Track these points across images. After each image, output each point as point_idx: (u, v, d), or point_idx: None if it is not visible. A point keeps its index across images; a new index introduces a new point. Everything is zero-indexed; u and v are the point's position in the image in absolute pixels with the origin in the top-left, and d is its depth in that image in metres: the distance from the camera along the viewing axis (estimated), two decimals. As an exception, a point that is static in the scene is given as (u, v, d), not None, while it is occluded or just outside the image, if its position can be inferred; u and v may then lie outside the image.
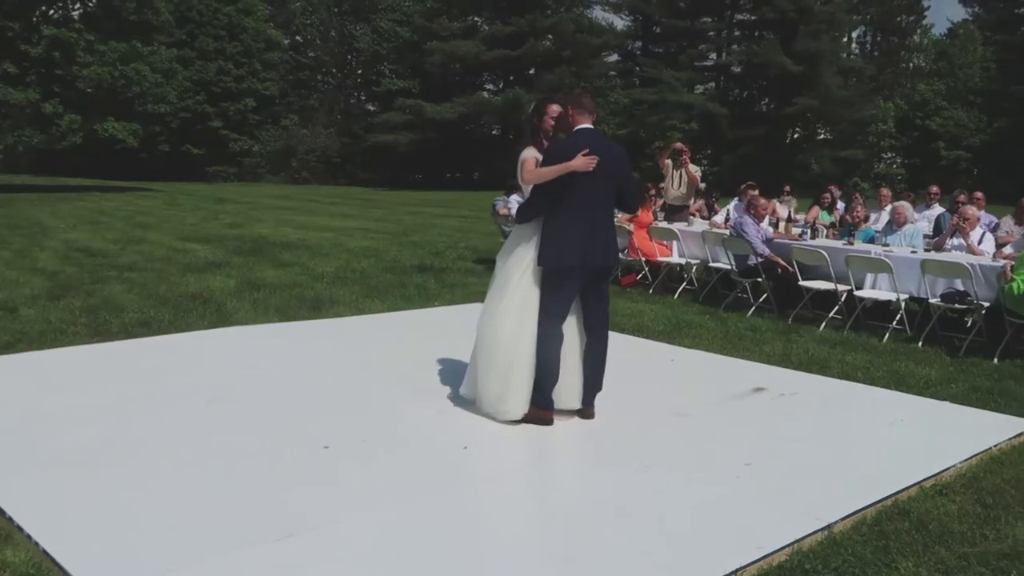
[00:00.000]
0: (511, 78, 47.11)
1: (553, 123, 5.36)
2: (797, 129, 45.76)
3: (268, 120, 47.34)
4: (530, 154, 5.16)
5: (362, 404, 5.49)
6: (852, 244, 9.14)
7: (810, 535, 3.82)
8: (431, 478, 4.37)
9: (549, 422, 5.16)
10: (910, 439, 5.21)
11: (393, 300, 9.22)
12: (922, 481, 4.47)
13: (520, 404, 5.12)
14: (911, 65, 51.48)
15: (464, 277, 10.96)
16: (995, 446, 5.04)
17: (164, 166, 43.08)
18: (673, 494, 4.25)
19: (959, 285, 7.96)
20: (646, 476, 4.45)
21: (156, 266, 11.12)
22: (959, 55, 42.20)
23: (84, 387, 5.72)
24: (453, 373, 5.90)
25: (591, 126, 5.24)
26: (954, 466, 4.70)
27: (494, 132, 48.56)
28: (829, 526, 3.91)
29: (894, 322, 8.25)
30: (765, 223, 9.70)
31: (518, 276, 5.12)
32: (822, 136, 45.03)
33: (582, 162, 4.94)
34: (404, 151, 44.65)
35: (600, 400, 5.47)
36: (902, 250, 8.76)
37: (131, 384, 5.80)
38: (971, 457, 4.84)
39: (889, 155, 45.54)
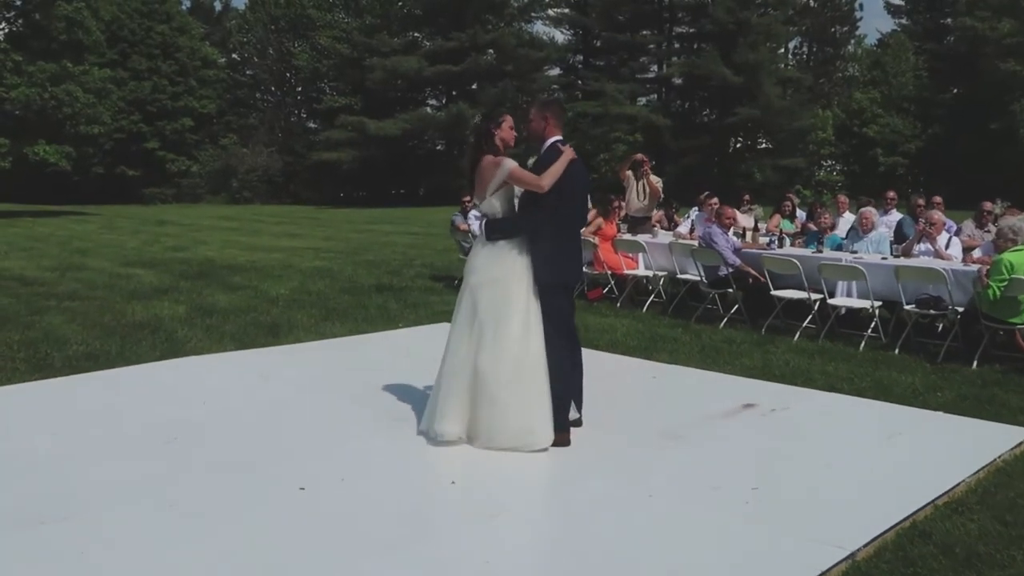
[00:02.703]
0: (454, 93, 46.83)
1: (514, 133, 5.17)
2: (739, 139, 46.28)
3: (206, 139, 46.26)
4: (513, 163, 4.89)
5: (336, 438, 5.12)
6: (821, 252, 9.03)
7: (835, 565, 3.58)
8: (421, 519, 4.04)
9: (568, 443, 4.97)
10: (913, 453, 5.03)
11: (355, 322, 8.82)
12: (936, 499, 4.28)
13: (548, 430, 4.85)
14: (845, 74, 52.50)
15: (425, 296, 10.59)
16: (999, 457, 4.88)
17: (98, 189, 41.70)
18: (683, 525, 3.98)
19: (931, 290, 7.89)
20: (652, 506, 4.18)
21: (98, 294, 10.52)
22: (892, 63, 43.11)
23: (27, 429, 5.24)
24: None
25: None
26: (964, 481, 4.52)
27: (438, 147, 48.16)
28: (853, 554, 3.67)
29: (869, 330, 8.13)
30: (730, 233, 9.54)
31: (523, 300, 4.84)
32: (763, 145, 45.59)
33: (571, 150, 5.01)
34: (348, 168, 44.01)
35: (590, 422, 5.27)
36: (872, 257, 8.68)
37: (80, 424, 5.33)
38: (979, 471, 4.67)
39: (829, 162, 46.31)
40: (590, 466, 4.72)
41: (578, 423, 5.21)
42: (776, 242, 9.63)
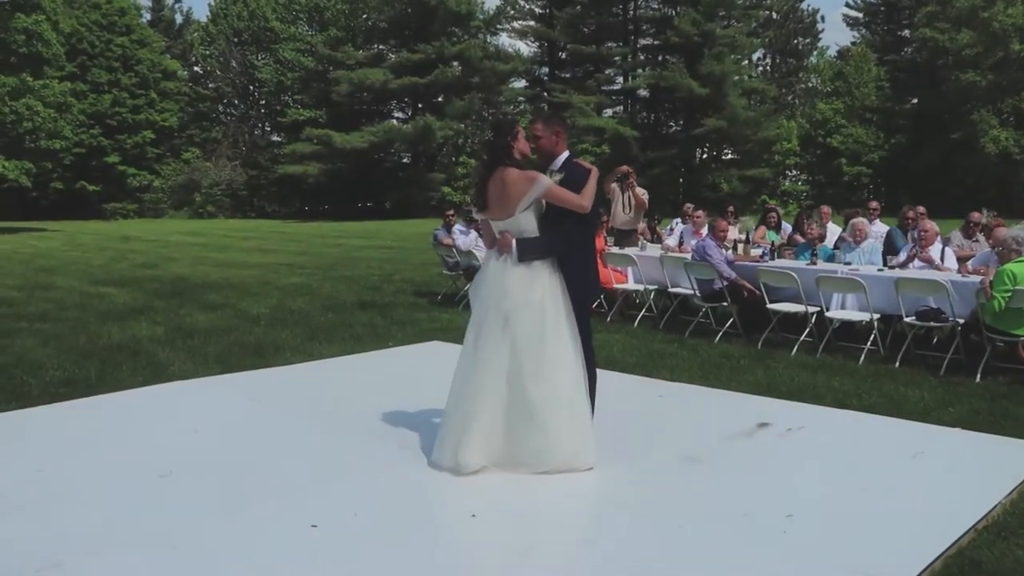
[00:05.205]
0: (420, 106, 46.66)
1: (532, 144, 5.01)
2: (705, 149, 46.59)
3: (168, 153, 45.57)
4: (549, 180, 4.73)
5: (343, 470, 4.84)
6: (815, 264, 8.93)
7: (891, 600, 3.40)
8: (444, 557, 3.80)
9: None
10: (941, 473, 4.88)
11: (343, 342, 8.53)
12: (976, 523, 4.12)
13: (594, 448, 4.74)
14: (808, 85, 53.17)
15: (411, 313, 10.32)
16: (1028, 476, 4.75)
17: (57, 205, 40.90)
18: (721, 557, 3.78)
19: (931, 302, 7.80)
20: (685, 537, 3.97)
21: (71, 314, 10.12)
22: (854, 74, 43.71)
23: (7, 465, 4.89)
24: (437, 426, 5.29)
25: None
26: (1000, 503, 4.38)
27: (404, 160, 47.92)
28: (907, 586, 3.50)
29: (868, 343, 8.03)
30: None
31: (565, 322, 4.70)
32: (729, 156, 45.93)
33: (595, 168, 4.93)
34: (313, 182, 43.60)
35: (605, 446, 5.02)
36: (867, 268, 8.59)
37: (66, 458, 5.00)
38: (1012, 491, 4.53)
39: (794, 173, 46.80)
40: (616, 495, 4.50)
41: None
42: (769, 254, 9.51)
